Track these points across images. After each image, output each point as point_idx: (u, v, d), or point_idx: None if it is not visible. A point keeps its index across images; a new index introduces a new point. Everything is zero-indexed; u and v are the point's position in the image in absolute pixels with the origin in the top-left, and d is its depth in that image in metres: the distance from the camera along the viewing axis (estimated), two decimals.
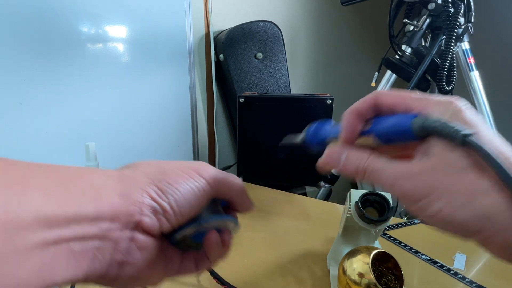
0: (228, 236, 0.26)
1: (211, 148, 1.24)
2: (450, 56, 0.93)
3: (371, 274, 0.37)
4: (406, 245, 0.58)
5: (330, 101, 0.71)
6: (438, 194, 0.19)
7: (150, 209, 0.20)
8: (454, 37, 0.92)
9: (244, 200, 0.26)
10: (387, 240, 0.60)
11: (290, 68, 1.30)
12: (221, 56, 1.13)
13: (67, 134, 0.81)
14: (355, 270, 0.39)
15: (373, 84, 1.13)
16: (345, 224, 0.48)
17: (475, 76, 1.03)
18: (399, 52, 1.05)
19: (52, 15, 0.75)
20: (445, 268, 0.51)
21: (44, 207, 0.16)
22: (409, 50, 1.03)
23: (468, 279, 0.49)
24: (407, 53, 1.03)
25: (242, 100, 0.74)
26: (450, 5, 0.93)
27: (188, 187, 0.22)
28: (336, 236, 0.52)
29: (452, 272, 0.50)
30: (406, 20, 1.02)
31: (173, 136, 1.09)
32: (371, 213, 0.44)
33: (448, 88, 0.97)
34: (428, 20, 0.99)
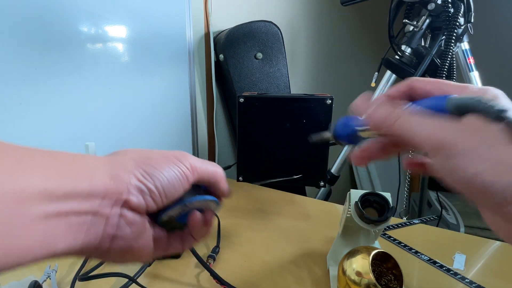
0: (210, 215, 0.29)
1: (211, 148, 1.24)
2: (450, 56, 0.93)
3: (371, 274, 0.37)
4: (406, 245, 0.58)
5: (330, 101, 0.71)
6: (478, 158, 0.19)
7: (137, 189, 0.23)
8: (454, 37, 0.92)
9: (222, 186, 0.29)
10: (387, 240, 0.60)
11: (290, 68, 1.30)
12: (221, 56, 1.13)
13: (67, 134, 0.81)
14: (355, 270, 0.39)
15: (373, 84, 1.13)
16: (345, 224, 0.48)
17: (475, 77, 1.03)
18: (399, 52, 1.05)
19: (52, 15, 0.75)
20: (445, 268, 0.51)
21: (47, 183, 0.18)
22: (409, 50, 1.03)
23: (468, 279, 0.49)
24: (407, 53, 1.03)
25: (242, 100, 0.74)
26: (450, 6, 0.93)
27: (172, 171, 0.24)
28: (336, 236, 0.52)
29: (452, 272, 0.50)
30: (406, 20, 1.02)
31: (173, 136, 1.09)
32: (371, 213, 0.44)
33: None
34: (428, 20, 0.99)
